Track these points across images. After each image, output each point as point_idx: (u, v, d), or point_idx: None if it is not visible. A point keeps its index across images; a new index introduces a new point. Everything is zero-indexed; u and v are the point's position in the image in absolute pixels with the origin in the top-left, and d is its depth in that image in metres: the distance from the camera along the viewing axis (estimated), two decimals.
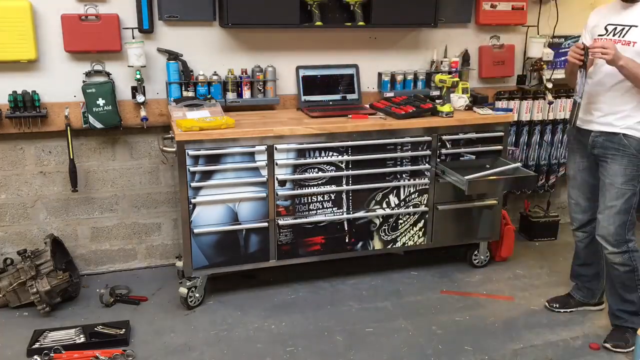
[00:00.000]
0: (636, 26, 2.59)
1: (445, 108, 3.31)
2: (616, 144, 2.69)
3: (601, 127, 2.74)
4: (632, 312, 2.83)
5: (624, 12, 2.66)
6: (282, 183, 3.09)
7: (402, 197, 3.32)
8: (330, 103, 3.53)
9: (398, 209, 3.33)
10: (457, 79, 3.46)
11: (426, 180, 3.34)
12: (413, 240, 3.42)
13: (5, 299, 3.09)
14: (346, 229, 3.28)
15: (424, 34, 3.72)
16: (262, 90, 3.43)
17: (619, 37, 2.65)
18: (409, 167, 3.28)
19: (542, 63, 3.85)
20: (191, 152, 2.91)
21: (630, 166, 2.68)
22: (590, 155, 2.83)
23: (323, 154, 3.12)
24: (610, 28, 2.70)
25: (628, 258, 2.75)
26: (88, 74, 3.18)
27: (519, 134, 3.98)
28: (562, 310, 3.15)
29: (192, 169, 2.93)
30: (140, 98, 3.20)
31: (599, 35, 2.72)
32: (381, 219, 3.32)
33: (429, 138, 3.27)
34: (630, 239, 2.75)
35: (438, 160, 3.32)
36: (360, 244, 3.33)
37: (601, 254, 2.89)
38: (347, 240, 3.29)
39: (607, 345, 2.82)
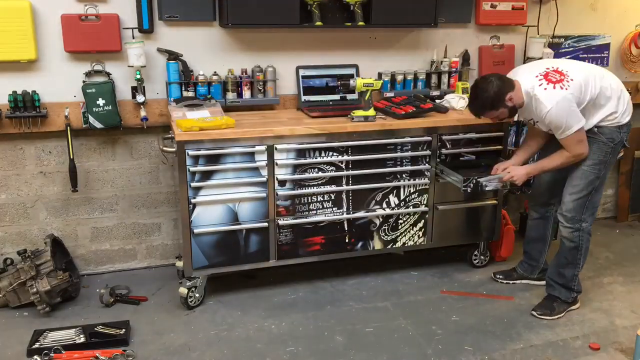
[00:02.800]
0: (537, 121, 2.90)
1: (370, 112, 3.18)
2: (588, 132, 2.91)
3: None
4: (563, 284, 3.11)
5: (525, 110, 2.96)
6: (282, 183, 3.09)
7: (402, 197, 3.32)
8: (330, 103, 3.53)
9: (398, 209, 3.33)
10: (381, 82, 3.38)
11: (426, 180, 3.34)
12: (413, 240, 3.42)
13: (5, 299, 3.09)
14: (346, 229, 3.28)
15: (424, 34, 3.72)
16: (262, 90, 3.43)
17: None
18: (409, 167, 3.28)
19: None
20: (191, 152, 2.91)
21: (598, 151, 2.91)
22: None
23: (323, 154, 3.12)
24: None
25: (577, 236, 3.02)
26: (88, 74, 3.18)
27: (519, 134, 3.98)
28: (504, 282, 3.45)
29: (192, 169, 2.93)
30: (140, 98, 3.20)
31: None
32: (381, 219, 3.32)
33: (429, 138, 3.27)
34: (584, 219, 3.00)
35: (438, 160, 3.32)
36: (360, 244, 3.33)
37: (547, 236, 3.30)
38: (347, 240, 3.29)
39: (534, 313, 3.10)
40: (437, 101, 3.57)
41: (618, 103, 2.87)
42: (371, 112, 3.19)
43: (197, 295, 3.15)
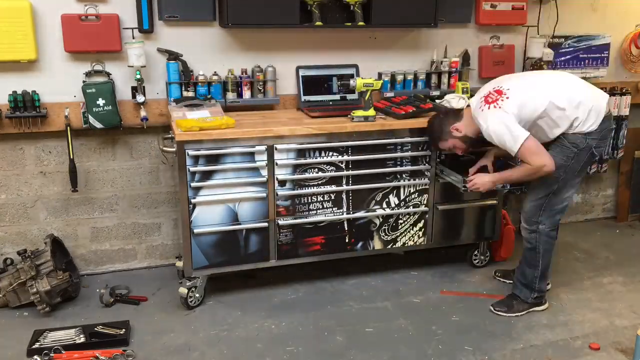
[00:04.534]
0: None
1: (370, 112, 3.18)
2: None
3: None
4: (524, 284, 3.13)
5: None
6: (282, 183, 3.09)
7: (402, 197, 3.32)
8: (330, 103, 3.53)
9: (398, 209, 3.33)
10: (381, 82, 3.36)
11: (426, 180, 3.34)
12: (413, 240, 3.42)
13: (5, 299, 3.09)
14: (346, 229, 3.28)
15: (424, 34, 3.72)
16: (262, 90, 3.43)
17: None
18: (409, 167, 3.28)
19: (542, 63, 3.84)
20: (191, 152, 2.91)
21: (559, 155, 2.87)
22: None
23: (323, 154, 3.12)
24: None
25: (534, 238, 3.04)
26: (88, 74, 3.18)
27: None
28: (502, 280, 3.45)
29: (192, 169, 2.93)
30: (140, 98, 3.20)
31: None
32: (381, 219, 3.32)
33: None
34: (541, 221, 3.00)
35: (438, 160, 3.32)
36: (360, 244, 3.33)
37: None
38: (347, 240, 3.29)
39: (491, 308, 3.14)
40: (437, 101, 3.57)
41: (577, 111, 2.78)
42: (371, 112, 3.18)
43: (197, 295, 3.15)
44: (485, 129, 2.84)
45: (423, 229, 3.42)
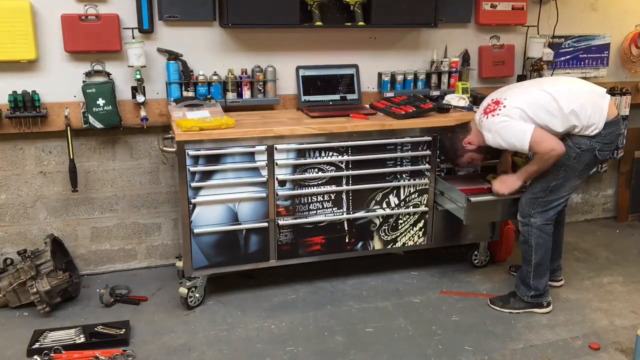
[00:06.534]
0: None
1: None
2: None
3: None
4: (521, 279, 3.15)
5: None
6: (282, 183, 3.09)
7: (402, 197, 3.32)
8: (330, 103, 3.53)
9: (398, 209, 3.33)
10: None
11: (426, 180, 3.34)
12: (413, 240, 3.42)
13: (5, 299, 3.09)
14: (346, 229, 3.28)
15: (424, 34, 3.72)
16: (262, 90, 3.43)
17: None
18: (409, 167, 3.28)
19: (542, 63, 3.85)
20: (191, 152, 2.91)
21: None
22: None
23: (323, 154, 3.12)
24: None
25: (526, 231, 3.06)
26: (88, 74, 3.18)
27: None
28: (516, 275, 3.32)
29: (192, 169, 2.93)
30: (140, 98, 3.20)
31: None
32: (381, 219, 3.32)
33: (429, 138, 3.27)
34: (533, 214, 3.01)
35: (438, 159, 3.32)
36: (360, 244, 3.33)
37: (557, 236, 3.18)
38: (347, 240, 3.29)
39: (488, 302, 3.20)
40: (437, 101, 3.57)
41: (577, 118, 2.80)
42: None
43: (197, 295, 3.15)
44: (491, 138, 2.90)
45: (423, 229, 3.42)
